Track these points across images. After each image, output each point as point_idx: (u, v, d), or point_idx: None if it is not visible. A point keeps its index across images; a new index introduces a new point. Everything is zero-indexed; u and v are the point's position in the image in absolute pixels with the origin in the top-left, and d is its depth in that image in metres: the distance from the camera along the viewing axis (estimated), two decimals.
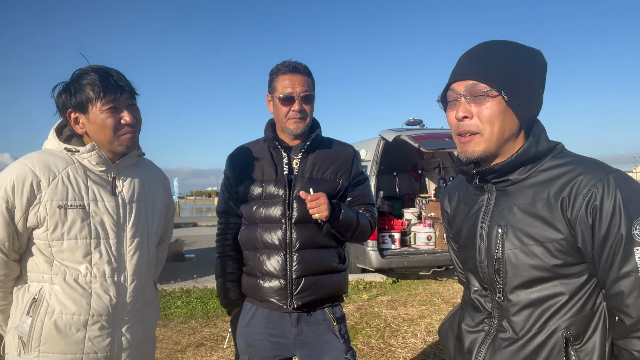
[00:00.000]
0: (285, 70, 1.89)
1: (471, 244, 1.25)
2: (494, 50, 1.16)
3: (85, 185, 1.54)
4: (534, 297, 1.13)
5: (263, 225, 1.89)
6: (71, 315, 1.50)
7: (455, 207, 1.37)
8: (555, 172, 1.13)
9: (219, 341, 4.50)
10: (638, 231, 1.02)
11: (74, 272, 1.52)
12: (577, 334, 1.10)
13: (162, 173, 1.85)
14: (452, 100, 1.19)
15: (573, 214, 1.07)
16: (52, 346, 1.50)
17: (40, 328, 1.49)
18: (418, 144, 6.64)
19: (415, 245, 7.42)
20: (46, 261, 1.52)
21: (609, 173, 1.07)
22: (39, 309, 1.50)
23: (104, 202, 1.57)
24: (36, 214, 1.48)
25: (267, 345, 1.91)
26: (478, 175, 1.21)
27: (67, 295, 1.51)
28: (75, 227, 1.51)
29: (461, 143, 1.18)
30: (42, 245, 1.51)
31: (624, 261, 1.03)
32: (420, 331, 4.64)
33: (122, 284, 1.59)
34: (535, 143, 1.14)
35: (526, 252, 1.12)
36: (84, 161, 1.56)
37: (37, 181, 1.47)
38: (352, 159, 1.98)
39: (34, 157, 1.52)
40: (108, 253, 1.56)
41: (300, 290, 1.85)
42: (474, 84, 1.13)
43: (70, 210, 1.50)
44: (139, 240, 1.64)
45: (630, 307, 1.02)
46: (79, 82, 1.52)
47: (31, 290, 1.54)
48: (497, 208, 1.19)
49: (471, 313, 1.28)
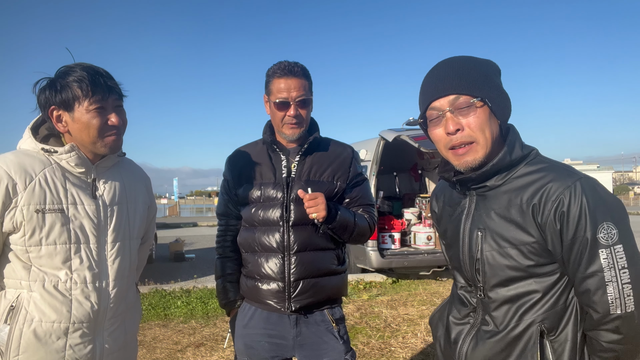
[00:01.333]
0: (281, 74, 1.85)
1: (455, 244, 1.34)
2: (461, 64, 1.22)
3: (64, 188, 1.48)
4: (510, 294, 1.22)
5: (261, 227, 1.89)
6: (51, 323, 1.45)
7: (442, 208, 1.45)
8: (527, 179, 1.20)
9: (219, 341, 4.51)
10: (602, 234, 1.10)
11: (53, 279, 1.45)
12: (551, 326, 1.19)
13: (143, 173, 1.80)
14: (435, 118, 1.24)
15: (543, 219, 1.16)
16: (31, 355, 1.44)
17: (19, 337, 1.43)
18: (418, 144, 6.64)
19: (415, 245, 7.42)
20: (24, 267, 1.45)
21: (577, 180, 1.14)
22: (17, 316, 1.44)
23: (83, 206, 1.50)
24: (12, 219, 1.41)
25: (266, 346, 1.90)
26: (458, 182, 1.28)
27: (47, 303, 1.45)
28: (54, 232, 1.44)
29: (458, 155, 1.22)
30: (19, 250, 1.44)
31: (590, 262, 1.12)
32: (420, 331, 4.65)
33: (104, 289, 1.53)
34: (509, 152, 1.21)
35: (502, 253, 1.21)
36: (62, 162, 1.49)
37: (12, 184, 1.40)
38: (350, 161, 1.96)
39: (9, 159, 1.43)
40: (89, 258, 1.50)
41: (298, 292, 1.84)
42: (456, 97, 1.19)
43: (48, 215, 1.43)
44: (120, 244, 1.58)
45: (597, 304, 1.12)
46: (65, 79, 1.44)
47: (8, 297, 1.47)
48: (477, 212, 1.28)
49: (458, 307, 1.38)
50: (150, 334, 4.75)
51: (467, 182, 1.26)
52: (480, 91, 1.19)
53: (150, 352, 4.25)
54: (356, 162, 1.99)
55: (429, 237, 7.31)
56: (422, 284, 6.95)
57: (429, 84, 1.25)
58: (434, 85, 1.23)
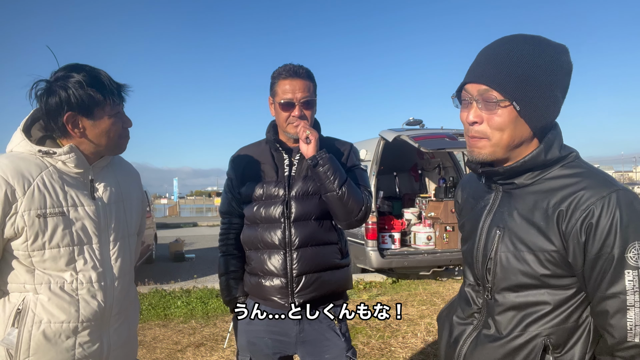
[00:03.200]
0: (286, 75, 1.90)
1: (471, 239, 1.27)
2: (512, 51, 1.10)
3: (62, 191, 1.47)
4: (519, 301, 1.14)
5: (263, 225, 1.92)
6: (60, 323, 1.47)
7: (465, 199, 1.39)
8: (560, 183, 1.11)
9: (219, 341, 4.50)
10: (632, 254, 1.01)
11: (58, 280, 1.47)
12: (557, 343, 1.11)
13: (133, 168, 1.81)
14: (465, 100, 1.17)
15: (568, 228, 1.07)
16: (42, 356, 1.45)
17: (29, 339, 1.44)
18: (418, 144, 6.64)
19: (415, 245, 7.42)
20: (27, 271, 1.46)
21: (613, 191, 1.04)
22: (24, 319, 1.45)
23: (84, 207, 1.51)
24: (13, 225, 1.40)
25: (268, 343, 1.93)
26: (484, 175, 1.22)
27: (55, 304, 1.46)
28: (57, 235, 1.44)
29: (470, 144, 1.18)
30: (22, 255, 1.44)
31: (612, 282, 1.02)
32: (420, 331, 4.64)
33: (109, 287, 1.56)
34: (545, 151, 1.12)
35: (518, 257, 1.13)
36: (58, 164, 1.48)
37: (11, 190, 1.38)
38: (347, 153, 2.00)
39: (4, 164, 1.41)
40: (92, 258, 1.52)
41: (301, 288, 1.87)
42: (487, 89, 1.10)
43: (50, 219, 1.43)
44: (120, 242, 1.61)
45: (614, 328, 1.03)
46: (82, 84, 1.43)
47: (12, 301, 1.47)
48: (500, 209, 1.20)
49: (463, 306, 1.32)
50: (150, 334, 4.75)
51: (493, 175, 1.19)
52: (512, 92, 1.08)
53: (150, 352, 4.25)
54: (354, 155, 2.02)
55: (429, 237, 7.30)
56: (422, 284, 6.95)
57: (475, 62, 1.16)
58: (476, 65, 1.15)
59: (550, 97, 1.11)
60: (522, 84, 1.08)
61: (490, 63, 1.11)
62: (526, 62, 1.08)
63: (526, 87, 1.08)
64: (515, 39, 1.13)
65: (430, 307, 5.56)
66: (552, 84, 1.10)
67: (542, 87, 1.09)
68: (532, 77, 1.08)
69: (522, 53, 1.09)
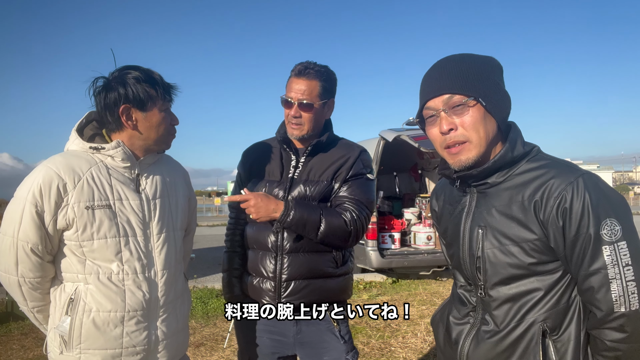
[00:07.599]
0: (295, 73, 1.89)
1: (456, 242, 1.33)
2: (457, 63, 1.21)
3: (109, 185, 1.57)
4: (512, 292, 1.20)
5: (260, 225, 1.90)
6: (107, 312, 1.55)
7: (442, 206, 1.44)
8: (529, 176, 1.19)
9: (219, 341, 4.50)
10: (606, 231, 1.09)
11: (106, 271, 1.56)
12: (554, 326, 1.17)
13: (181, 167, 1.89)
14: (430, 117, 1.24)
15: (545, 216, 1.14)
16: (92, 343, 1.55)
17: (80, 326, 1.54)
18: (418, 144, 6.64)
19: (415, 245, 7.42)
20: (79, 261, 1.56)
21: (579, 176, 1.13)
22: (76, 308, 1.55)
23: (128, 201, 1.60)
24: (65, 216, 1.51)
25: (267, 342, 1.92)
26: (459, 179, 1.28)
27: (102, 294, 1.55)
28: (104, 226, 1.54)
29: (452, 154, 1.22)
30: (74, 246, 1.54)
31: (593, 259, 1.10)
32: (420, 331, 4.64)
33: (153, 279, 1.63)
34: (511, 149, 1.20)
35: (503, 251, 1.19)
36: (107, 160, 1.59)
37: (63, 184, 1.50)
38: (353, 161, 1.91)
39: (58, 160, 1.54)
40: (137, 250, 1.60)
41: (289, 293, 1.84)
42: (450, 97, 1.18)
43: (97, 211, 1.54)
44: (165, 235, 1.68)
45: (600, 302, 1.10)
46: (139, 80, 1.56)
47: (67, 290, 1.58)
48: (478, 209, 1.27)
49: (458, 306, 1.36)
50: None
51: (467, 179, 1.25)
52: (474, 90, 1.17)
53: None
54: (361, 162, 1.93)
55: (429, 237, 7.30)
56: (422, 284, 6.95)
57: (424, 84, 1.25)
58: (429, 84, 1.24)
59: (502, 92, 1.22)
60: (479, 82, 1.18)
61: (443, 76, 1.21)
62: (473, 66, 1.20)
63: (483, 83, 1.19)
64: (453, 56, 1.25)
65: (430, 307, 5.56)
66: (498, 81, 1.23)
67: (494, 83, 1.21)
68: (484, 75, 1.20)
69: (466, 61, 1.22)
